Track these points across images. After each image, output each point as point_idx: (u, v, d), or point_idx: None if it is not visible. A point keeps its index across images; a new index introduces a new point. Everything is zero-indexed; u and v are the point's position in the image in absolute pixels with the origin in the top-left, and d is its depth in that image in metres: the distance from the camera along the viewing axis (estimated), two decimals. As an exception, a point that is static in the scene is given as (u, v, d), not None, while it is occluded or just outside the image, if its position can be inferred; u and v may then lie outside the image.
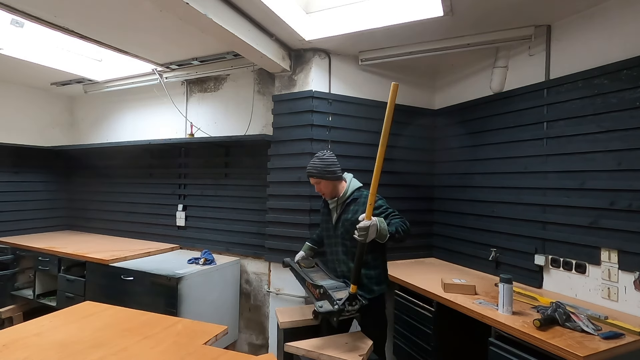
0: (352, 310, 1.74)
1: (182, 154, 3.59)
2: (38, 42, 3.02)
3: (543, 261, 2.20)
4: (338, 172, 2.10)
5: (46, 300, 3.40)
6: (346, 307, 1.73)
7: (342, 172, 2.15)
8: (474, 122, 2.73)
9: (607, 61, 1.95)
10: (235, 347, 3.16)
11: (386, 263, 2.17)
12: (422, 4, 2.15)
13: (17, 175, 3.97)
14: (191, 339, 1.59)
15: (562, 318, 1.64)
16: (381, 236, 1.77)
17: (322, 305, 1.77)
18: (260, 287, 3.13)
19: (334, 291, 1.84)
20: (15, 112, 3.98)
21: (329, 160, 2.09)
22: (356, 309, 1.75)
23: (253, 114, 3.13)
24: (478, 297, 2.04)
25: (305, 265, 2.27)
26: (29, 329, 1.67)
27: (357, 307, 1.75)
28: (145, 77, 3.49)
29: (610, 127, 1.92)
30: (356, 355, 1.71)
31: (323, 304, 1.79)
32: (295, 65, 2.81)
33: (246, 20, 2.27)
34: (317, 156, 2.14)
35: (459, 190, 2.87)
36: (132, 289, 2.75)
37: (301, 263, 2.29)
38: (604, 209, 1.93)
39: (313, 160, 2.13)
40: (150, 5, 2.12)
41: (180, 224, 3.54)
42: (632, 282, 1.80)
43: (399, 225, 1.87)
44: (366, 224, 1.72)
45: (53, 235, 4.01)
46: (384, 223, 1.81)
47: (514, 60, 2.48)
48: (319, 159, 2.10)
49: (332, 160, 2.10)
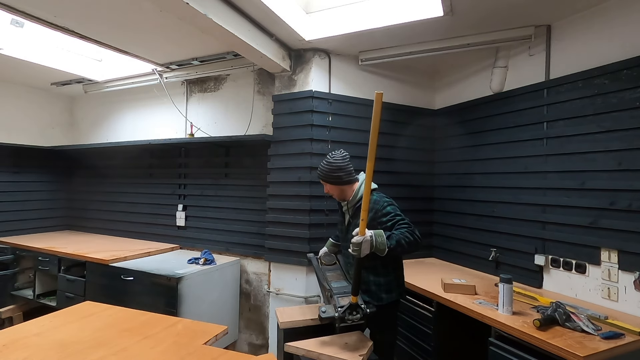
0: (353, 319, 1.75)
1: (182, 154, 3.59)
2: (38, 42, 3.02)
3: (543, 261, 2.20)
4: (344, 178, 1.95)
5: (46, 300, 3.40)
6: (346, 315, 1.74)
7: (351, 176, 1.98)
8: (474, 122, 2.73)
9: (607, 61, 1.95)
10: (235, 347, 3.16)
11: (400, 270, 2.01)
12: (422, 4, 2.15)
13: (17, 175, 3.97)
14: (191, 339, 1.59)
15: (562, 318, 1.64)
16: (378, 250, 1.69)
17: (325, 311, 1.79)
18: (260, 287, 3.13)
19: (341, 296, 1.85)
20: (15, 112, 3.98)
21: (335, 164, 1.96)
22: (357, 318, 1.76)
23: (253, 114, 3.13)
24: (478, 297, 2.04)
25: (326, 262, 2.23)
26: (29, 329, 1.67)
27: (357, 316, 1.76)
28: (145, 77, 3.49)
29: (610, 127, 1.92)
30: (356, 355, 1.71)
31: (327, 309, 1.81)
32: (295, 65, 2.81)
33: (246, 20, 2.27)
34: (326, 157, 2.02)
35: (459, 190, 2.87)
36: (132, 289, 2.75)
37: (322, 260, 2.25)
38: (604, 209, 1.93)
39: (322, 162, 2.03)
40: (150, 5, 2.12)
41: (180, 224, 3.54)
42: (632, 282, 1.80)
43: (402, 238, 1.72)
44: (359, 240, 1.65)
45: (53, 235, 4.01)
46: (382, 236, 1.70)
47: (514, 60, 2.48)
48: (326, 162, 1.99)
49: (339, 165, 1.95)
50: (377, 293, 1.92)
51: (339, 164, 1.96)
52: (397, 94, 3.00)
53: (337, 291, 1.89)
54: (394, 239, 1.72)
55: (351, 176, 1.98)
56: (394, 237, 1.73)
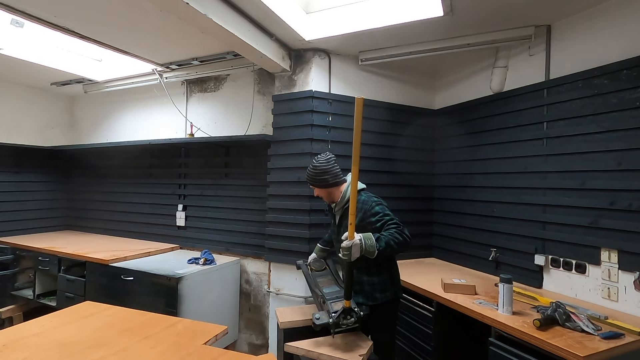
0: (348, 323, 1.76)
1: (182, 154, 3.59)
2: (38, 42, 3.02)
3: (543, 261, 2.20)
4: (330, 180, 1.96)
5: (46, 300, 3.40)
6: (341, 320, 1.75)
7: (337, 178, 1.98)
8: (474, 122, 2.73)
9: (607, 61, 1.94)
10: (235, 347, 3.16)
11: (394, 269, 2.01)
12: (422, 4, 2.15)
13: (17, 175, 3.97)
14: (191, 339, 1.59)
15: (562, 318, 1.64)
16: (368, 253, 1.69)
17: (319, 317, 1.80)
18: (260, 287, 3.13)
19: (334, 301, 1.87)
20: (15, 112, 3.98)
21: (320, 168, 1.97)
22: (352, 322, 1.77)
23: (253, 114, 3.13)
24: (478, 297, 2.04)
25: (316, 267, 2.25)
26: (29, 329, 1.67)
27: (352, 320, 1.77)
28: (145, 77, 3.49)
29: (610, 127, 1.92)
30: (356, 355, 1.71)
31: (320, 315, 1.82)
32: (295, 65, 2.81)
33: (246, 20, 2.27)
34: (312, 162, 2.04)
35: (459, 190, 2.87)
36: (132, 289, 2.75)
37: (312, 266, 2.27)
38: (604, 209, 1.93)
39: (309, 167, 2.04)
40: (151, 6, 2.12)
41: (180, 224, 3.54)
42: (632, 282, 1.81)
43: (391, 239, 1.73)
44: (348, 244, 1.66)
45: (53, 235, 4.01)
46: (371, 239, 1.71)
47: (514, 60, 2.48)
48: (312, 166, 2.01)
49: (323, 168, 1.97)
50: (372, 293, 1.93)
51: (323, 167, 1.97)
52: (397, 94, 3.00)
53: (330, 297, 1.92)
54: (383, 240, 1.72)
55: (337, 178, 1.98)
56: (383, 239, 1.73)
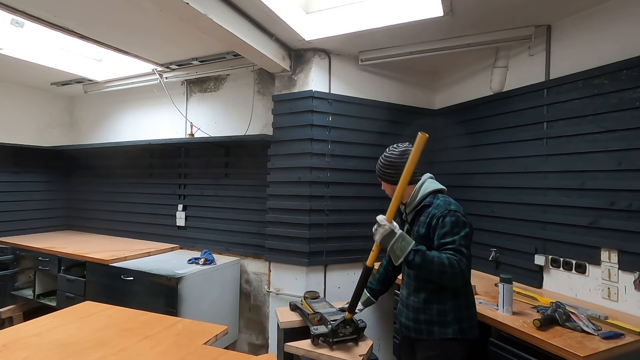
0: (346, 332, 1.78)
1: (182, 154, 3.59)
2: (38, 42, 3.02)
3: (543, 261, 2.20)
4: (395, 177, 1.60)
5: (46, 300, 3.40)
6: (339, 328, 1.76)
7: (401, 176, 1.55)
8: (474, 122, 2.73)
9: (607, 61, 1.94)
10: (235, 347, 3.16)
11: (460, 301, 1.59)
12: (422, 4, 2.15)
13: (17, 175, 3.97)
14: (191, 339, 1.59)
15: (562, 318, 1.64)
16: (393, 253, 1.46)
17: (317, 328, 1.83)
18: (260, 287, 3.13)
19: (330, 315, 1.91)
20: (15, 112, 3.97)
21: (389, 159, 1.68)
22: (350, 332, 1.79)
23: (253, 114, 3.13)
24: (478, 297, 2.04)
25: (310, 296, 2.31)
26: (29, 329, 1.67)
27: (351, 330, 1.79)
28: (145, 77, 3.49)
29: (610, 127, 1.92)
30: (356, 355, 1.72)
31: (319, 327, 1.86)
32: (295, 65, 2.81)
33: (246, 21, 2.27)
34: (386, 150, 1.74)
35: (459, 190, 2.86)
36: (132, 289, 2.75)
37: (306, 294, 2.33)
38: (603, 209, 1.93)
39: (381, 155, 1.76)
40: (150, 5, 2.12)
41: (180, 224, 3.54)
42: (632, 282, 1.80)
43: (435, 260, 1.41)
44: (382, 220, 1.46)
45: (53, 235, 4.01)
46: (406, 241, 1.45)
47: (514, 60, 2.48)
48: (383, 156, 1.71)
49: (392, 161, 1.66)
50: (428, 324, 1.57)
51: (392, 160, 1.66)
52: (397, 94, 3.00)
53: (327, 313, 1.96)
54: (421, 256, 1.43)
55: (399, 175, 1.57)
56: (423, 254, 1.43)
